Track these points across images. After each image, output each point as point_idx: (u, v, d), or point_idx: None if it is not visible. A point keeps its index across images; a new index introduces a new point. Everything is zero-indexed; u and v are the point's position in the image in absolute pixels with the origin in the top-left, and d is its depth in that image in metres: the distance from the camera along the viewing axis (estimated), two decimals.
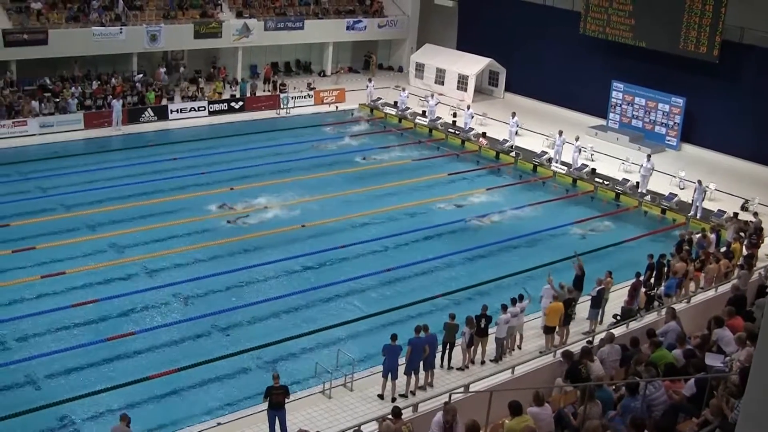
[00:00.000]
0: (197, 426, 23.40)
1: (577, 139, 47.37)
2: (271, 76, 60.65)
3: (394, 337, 24.44)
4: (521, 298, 27.79)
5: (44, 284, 31.45)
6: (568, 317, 28.03)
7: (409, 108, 55.88)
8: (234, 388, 25.98)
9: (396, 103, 57.10)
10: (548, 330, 27.70)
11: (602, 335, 25.01)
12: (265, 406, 22.44)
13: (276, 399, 22.11)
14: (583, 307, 29.92)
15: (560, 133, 47.71)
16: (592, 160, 48.04)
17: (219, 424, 23.29)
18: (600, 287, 29.07)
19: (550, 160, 47.58)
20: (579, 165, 46.59)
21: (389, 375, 24.43)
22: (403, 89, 58.52)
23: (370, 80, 60.24)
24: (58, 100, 50.84)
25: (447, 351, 26.33)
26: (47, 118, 49.72)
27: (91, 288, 31.51)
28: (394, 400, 24.19)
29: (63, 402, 24.55)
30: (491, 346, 27.07)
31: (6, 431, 23.26)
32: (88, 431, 23.72)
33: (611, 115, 54.54)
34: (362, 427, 19.93)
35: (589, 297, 29.57)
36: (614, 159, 48.53)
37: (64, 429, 23.80)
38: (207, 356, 27.24)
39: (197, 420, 23.96)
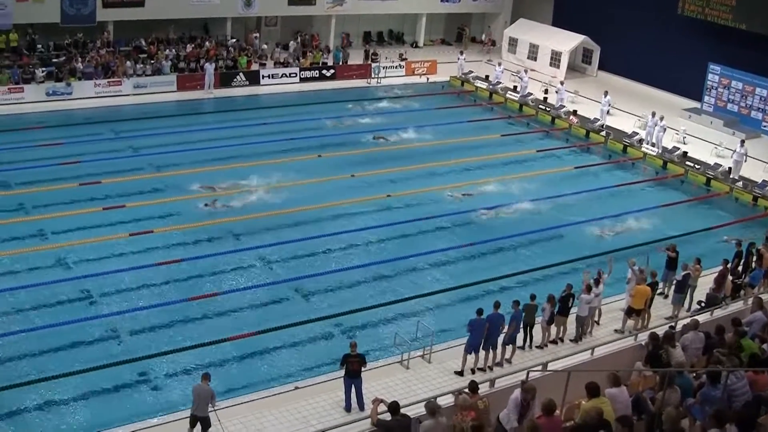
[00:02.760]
0: (275, 389, 23.57)
1: (662, 119, 46.43)
2: (346, 45, 60.37)
3: (479, 311, 24.27)
4: (599, 278, 27.35)
5: (132, 242, 32.00)
6: (651, 301, 27.58)
7: (500, 83, 55.41)
8: (313, 354, 26.12)
9: (487, 77, 56.66)
10: (631, 312, 27.22)
11: (686, 321, 24.61)
12: (342, 373, 22.53)
13: (352, 367, 22.16)
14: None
15: (653, 114, 46.88)
16: (684, 143, 47.15)
17: (297, 388, 23.44)
18: (686, 272, 28.54)
19: (641, 141, 46.83)
20: (662, 145, 45.72)
21: (472, 350, 24.33)
22: (499, 63, 58.02)
23: (461, 53, 59.85)
24: (152, 61, 51.52)
25: (528, 330, 26.07)
26: (141, 79, 50.45)
27: (176, 248, 31.96)
28: (473, 372, 24.14)
29: (144, 358, 24.99)
30: (572, 326, 26.78)
31: (87, 384, 23.77)
32: (167, 388, 24.08)
33: (706, 98, 53.37)
34: (438, 400, 19.95)
35: (675, 281, 29.09)
36: (707, 143, 47.54)
37: (143, 384, 24.20)
38: (287, 321, 27.43)
39: (275, 383, 24.15)
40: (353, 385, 22.24)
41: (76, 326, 26.46)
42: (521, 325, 25.55)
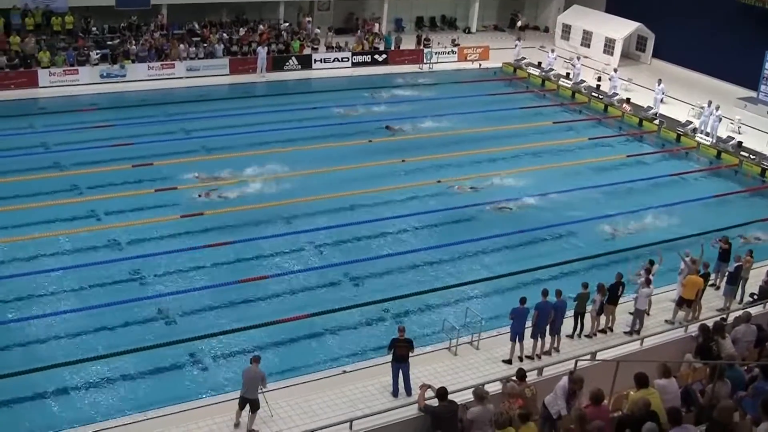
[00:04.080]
0: (323, 372, 23.67)
1: (717, 108, 45.85)
2: (374, 30, 60.18)
3: (522, 300, 24.17)
4: (651, 265, 27.09)
5: (183, 224, 32.28)
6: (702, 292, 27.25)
7: (553, 69, 55.05)
8: (361, 339, 26.20)
9: (540, 63, 56.32)
10: (682, 302, 26.91)
11: (738, 314, 24.34)
12: (389, 358, 22.56)
13: (399, 352, 22.15)
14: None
15: (709, 103, 46.33)
16: (739, 133, 46.56)
17: (344, 372, 23.50)
18: (738, 264, 28.19)
19: (694, 130, 46.31)
20: (715, 134, 45.21)
21: (516, 338, 24.25)
22: (552, 50, 57.64)
23: (519, 39, 59.60)
24: (205, 45, 51.78)
25: (579, 319, 25.89)
26: (194, 62, 50.79)
27: (227, 230, 32.14)
28: (521, 359, 24.08)
29: (194, 339, 25.21)
30: (620, 315, 26.49)
31: (138, 363, 24.03)
32: (216, 369, 24.27)
33: (762, 87, 52.57)
34: (486, 387, 19.93)
35: (727, 273, 28.73)
36: (763, 133, 46.86)
37: (193, 366, 24.43)
38: (336, 305, 27.54)
39: (323, 366, 24.24)
40: (401, 370, 22.25)
41: (127, 306, 26.76)
42: (572, 314, 25.42)
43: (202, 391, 22.94)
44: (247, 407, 20.58)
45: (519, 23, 65.10)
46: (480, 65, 58.15)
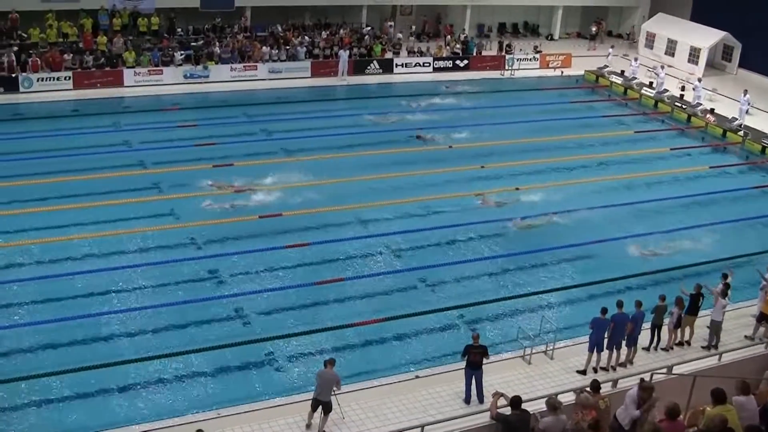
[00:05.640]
0: (396, 376, 23.66)
1: None
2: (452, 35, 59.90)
3: (603, 310, 23.82)
4: (726, 280, 26.57)
5: (261, 224, 32.46)
6: None
7: (636, 78, 54.40)
8: (435, 344, 26.07)
9: (623, 72, 55.70)
10: (763, 318, 26.30)
11: None
12: (463, 364, 22.44)
13: (473, 358, 22.04)
14: None
15: None
16: None
17: (417, 377, 23.47)
18: None
19: None
20: None
21: (595, 349, 23.95)
22: (635, 58, 57.01)
23: (612, 47, 59.19)
24: (288, 47, 52.16)
25: (656, 332, 25.44)
26: (276, 64, 51.23)
27: (304, 232, 32.27)
28: (595, 371, 23.81)
29: (270, 339, 25.32)
30: (698, 330, 26.00)
31: (213, 361, 24.24)
32: (290, 369, 24.37)
33: None
34: (559, 397, 19.72)
35: None
36: None
37: (268, 365, 24.55)
38: (411, 309, 27.45)
39: (397, 371, 24.21)
40: (474, 377, 22.15)
41: (203, 305, 27.04)
42: (649, 327, 25.04)
43: (275, 391, 23.04)
44: (320, 409, 20.65)
45: (594, 30, 64.46)
46: (562, 72, 57.75)
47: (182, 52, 49.95)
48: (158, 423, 21.13)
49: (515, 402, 19.03)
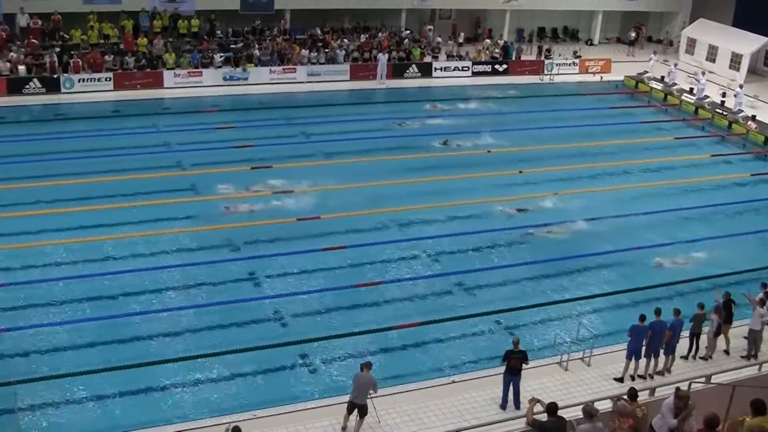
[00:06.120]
0: (432, 381, 23.62)
1: None
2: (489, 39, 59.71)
3: (642, 318, 23.65)
4: (766, 289, 26.28)
5: (299, 227, 32.51)
6: None
7: (676, 84, 54.02)
8: (471, 349, 25.97)
9: (663, 77, 55.33)
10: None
11: None
12: (499, 369, 22.37)
13: (513, 363, 21.96)
14: None
15: None
16: None
17: (453, 382, 23.43)
18: None
19: None
20: None
21: (632, 357, 23.78)
22: (675, 64, 56.63)
23: (654, 53, 58.90)
24: (327, 50, 52.28)
25: (694, 341, 25.24)
26: (315, 67, 51.40)
27: (342, 234, 32.29)
28: (633, 378, 23.65)
29: (306, 341, 25.30)
30: (735, 340, 25.73)
31: (250, 362, 24.28)
32: (326, 372, 24.36)
33: None
34: (596, 404, 19.59)
35: None
36: None
37: (303, 367, 24.55)
38: (448, 314, 27.39)
39: (433, 375, 24.16)
40: (512, 383, 22.06)
41: (241, 306, 27.11)
42: (688, 336, 24.83)
43: (311, 394, 23.08)
44: (356, 412, 20.66)
45: (634, 35, 64.08)
46: (601, 78, 57.48)
47: (222, 54, 50.22)
48: (193, 423, 21.24)
49: (551, 408, 18.92)
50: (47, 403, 22.15)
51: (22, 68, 46.09)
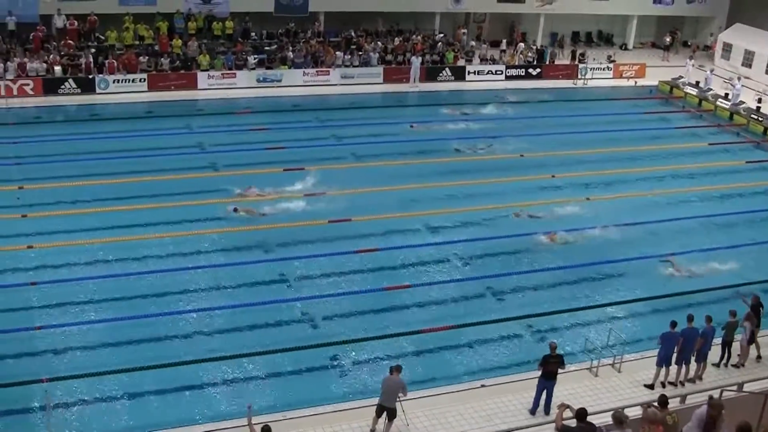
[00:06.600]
0: (461, 385, 23.62)
1: None
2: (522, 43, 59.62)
3: (673, 324, 23.49)
4: None
5: (331, 229, 32.58)
6: None
7: (711, 89, 53.66)
8: (501, 354, 25.92)
9: (698, 83, 54.98)
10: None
11: None
12: (529, 374, 22.31)
13: (551, 368, 21.83)
14: None
15: None
16: None
17: (483, 386, 23.39)
18: None
19: None
20: None
21: (663, 363, 23.64)
22: (712, 70, 56.28)
23: (690, 57, 58.49)
24: (360, 53, 52.36)
25: (726, 349, 25.04)
26: (349, 70, 51.52)
27: (373, 237, 32.32)
28: (663, 385, 23.51)
29: (336, 343, 25.33)
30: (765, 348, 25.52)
31: (280, 363, 24.36)
32: (355, 374, 24.38)
33: None
34: (626, 411, 19.50)
35: None
36: None
37: (333, 369, 24.60)
38: (479, 318, 27.32)
39: (462, 379, 24.16)
40: (546, 389, 21.98)
41: (271, 307, 27.20)
42: (720, 342, 24.65)
43: (340, 396, 23.13)
44: (384, 415, 20.68)
45: (669, 40, 63.73)
46: (635, 83, 57.22)
47: (256, 56, 50.47)
48: (224, 423, 21.31)
49: (581, 414, 18.84)
50: (78, 401, 22.33)
51: (58, 69, 46.52)
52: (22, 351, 24.26)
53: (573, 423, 19.11)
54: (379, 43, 53.91)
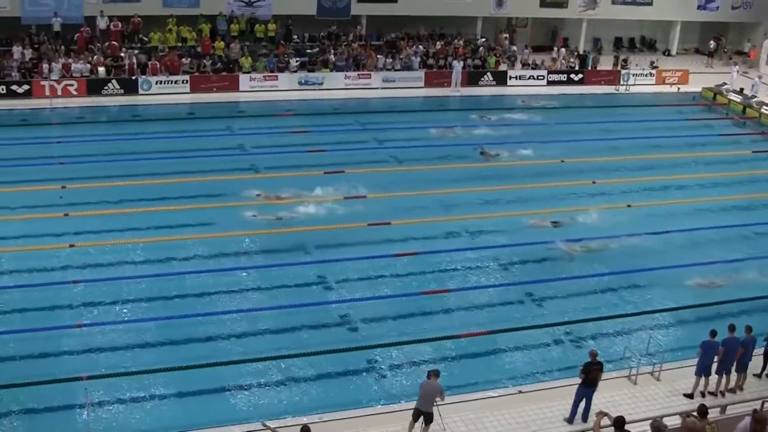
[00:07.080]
0: (498, 390, 23.52)
1: None
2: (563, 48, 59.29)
3: (713, 333, 23.25)
4: None
5: (370, 232, 32.61)
6: None
7: (756, 97, 53.13)
8: (539, 360, 25.76)
9: (742, 90, 54.45)
10: None
11: None
12: (567, 381, 22.20)
13: (594, 375, 21.66)
14: None
15: None
16: None
17: (520, 392, 23.30)
18: None
19: None
20: None
21: (703, 373, 23.41)
22: (759, 77, 55.75)
23: (735, 64, 57.97)
24: (402, 57, 52.38)
25: (767, 360, 24.78)
26: (390, 73, 51.56)
27: (412, 241, 32.29)
28: (703, 395, 23.31)
29: (374, 347, 25.36)
30: None
31: (318, 365, 24.34)
32: (392, 378, 24.35)
33: None
34: (665, 420, 19.36)
35: None
36: None
37: (370, 372, 24.59)
38: (517, 324, 27.24)
39: (500, 385, 24.03)
40: (585, 397, 21.82)
41: (310, 309, 27.24)
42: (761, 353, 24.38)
43: (377, 399, 23.12)
44: (421, 419, 20.64)
45: (713, 46, 63.15)
46: (678, 89, 56.80)
47: (297, 58, 50.67)
48: (259, 425, 21.35)
49: (619, 422, 18.73)
50: (117, 400, 22.49)
51: (101, 70, 46.96)
52: (63, 349, 24.51)
53: (611, 431, 19.02)
54: (420, 46, 53.90)
